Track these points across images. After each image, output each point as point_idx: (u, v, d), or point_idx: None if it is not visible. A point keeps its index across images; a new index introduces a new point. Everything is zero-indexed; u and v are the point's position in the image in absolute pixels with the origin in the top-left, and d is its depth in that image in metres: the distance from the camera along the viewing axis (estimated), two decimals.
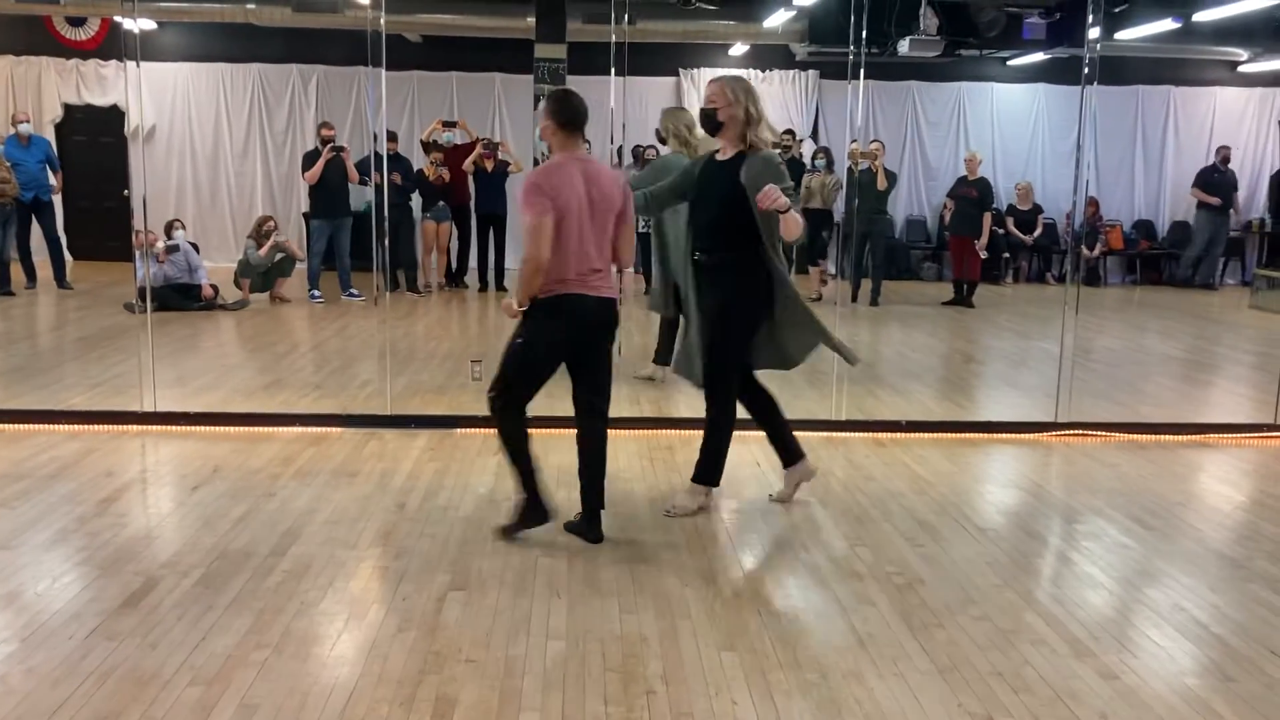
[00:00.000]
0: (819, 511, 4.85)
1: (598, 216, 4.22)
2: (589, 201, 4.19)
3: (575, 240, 4.16)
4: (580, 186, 4.17)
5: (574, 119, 4.25)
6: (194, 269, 10.48)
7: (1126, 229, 14.70)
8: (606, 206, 4.24)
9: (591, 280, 4.23)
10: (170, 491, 5.02)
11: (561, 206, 4.12)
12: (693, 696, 3.14)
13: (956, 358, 9.23)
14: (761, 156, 4.55)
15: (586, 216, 4.18)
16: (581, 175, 4.19)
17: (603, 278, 4.27)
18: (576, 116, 4.26)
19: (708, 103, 4.61)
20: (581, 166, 4.22)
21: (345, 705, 3.04)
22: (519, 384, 4.32)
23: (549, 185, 4.13)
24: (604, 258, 4.28)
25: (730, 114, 4.55)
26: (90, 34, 13.78)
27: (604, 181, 4.25)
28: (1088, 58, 6.46)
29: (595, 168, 4.28)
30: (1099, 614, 3.82)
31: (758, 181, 4.38)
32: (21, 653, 3.31)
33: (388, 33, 6.40)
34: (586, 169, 4.23)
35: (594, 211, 4.21)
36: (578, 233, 4.16)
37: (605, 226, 4.26)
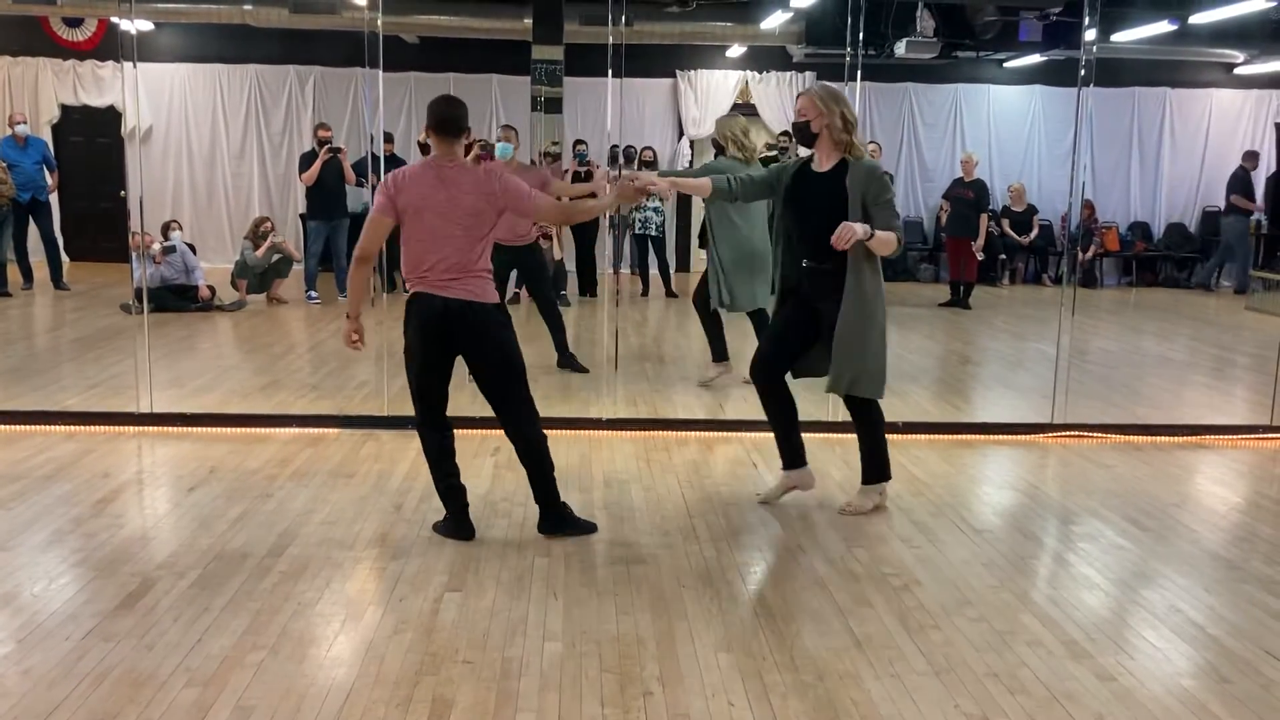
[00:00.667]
0: (816, 513, 4.86)
1: (451, 219, 4.19)
2: (440, 204, 4.18)
3: (423, 241, 4.19)
4: (429, 189, 4.18)
5: (439, 125, 4.23)
6: (191, 270, 10.47)
7: (1122, 231, 14.72)
8: (458, 210, 4.19)
9: (434, 281, 4.20)
10: (167, 493, 5.02)
11: (402, 207, 4.18)
12: (689, 698, 3.14)
13: (953, 359, 9.24)
14: (865, 166, 4.59)
15: (437, 218, 4.18)
16: (437, 178, 4.20)
17: (456, 278, 4.20)
18: (442, 123, 4.23)
19: (799, 116, 4.67)
20: (438, 171, 4.22)
21: (342, 706, 3.04)
22: (412, 391, 4.40)
23: (393, 184, 4.22)
24: (464, 259, 4.21)
25: (825, 124, 4.59)
26: (87, 35, 13.77)
27: (462, 185, 4.21)
28: (1084, 60, 6.47)
29: (455, 172, 4.23)
30: (1095, 615, 3.83)
31: (864, 190, 4.50)
32: (18, 654, 3.31)
33: (385, 34, 6.40)
34: (443, 173, 4.21)
35: (447, 214, 4.18)
36: (427, 233, 4.18)
37: (463, 229, 4.20)
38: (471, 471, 5.33)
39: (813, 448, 5.91)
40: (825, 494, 5.15)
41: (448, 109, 4.26)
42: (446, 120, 4.23)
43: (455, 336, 4.26)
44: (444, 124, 4.23)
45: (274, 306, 10.87)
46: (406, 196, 4.19)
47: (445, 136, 4.25)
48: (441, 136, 4.25)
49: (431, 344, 4.27)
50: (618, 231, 11.75)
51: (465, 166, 4.28)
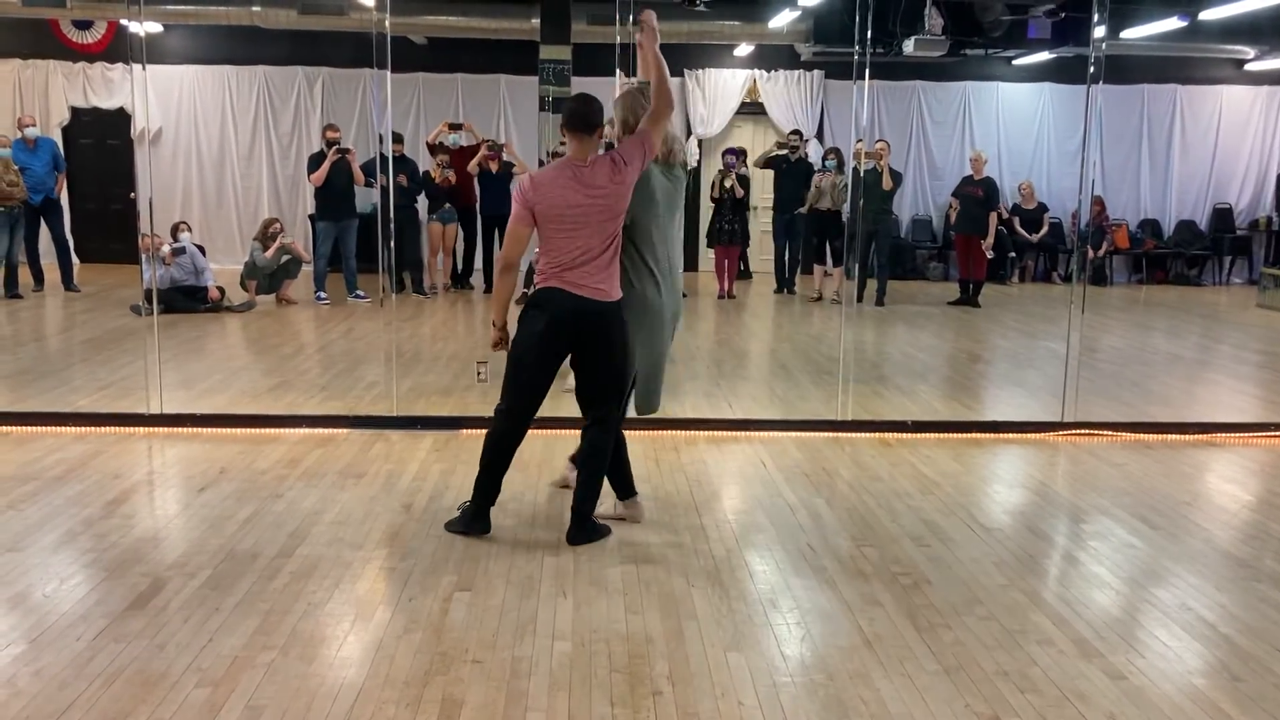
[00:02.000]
0: (825, 512, 4.85)
1: (588, 217, 4.19)
2: (574, 203, 4.17)
3: (562, 240, 4.20)
4: (566, 190, 4.18)
5: (569, 121, 4.26)
6: (200, 271, 10.50)
7: (1133, 228, 14.68)
8: (595, 207, 4.20)
9: (569, 277, 4.21)
10: (177, 493, 5.03)
11: (541, 213, 4.18)
12: (699, 697, 3.14)
13: (962, 357, 9.22)
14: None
15: (571, 217, 4.18)
16: (573, 178, 4.19)
17: (588, 276, 4.21)
18: (571, 118, 4.26)
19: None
20: (574, 171, 4.21)
21: (351, 706, 3.05)
22: (517, 383, 4.35)
23: (531, 190, 4.21)
24: (596, 257, 4.22)
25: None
26: (97, 37, 13.81)
27: (597, 180, 4.21)
28: (1093, 57, 6.45)
29: (589, 171, 4.22)
30: (1106, 614, 3.82)
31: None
32: (29, 654, 3.32)
33: (393, 35, 6.40)
34: (578, 173, 4.21)
35: (582, 212, 4.19)
36: (566, 232, 4.19)
37: (597, 226, 4.21)
38: None
39: (819, 447, 5.92)
40: (835, 493, 5.14)
41: (578, 105, 4.27)
42: (575, 115, 4.24)
43: (583, 335, 4.28)
44: (573, 119, 4.23)
45: (283, 307, 10.89)
46: (545, 201, 4.17)
47: (576, 133, 4.24)
48: (572, 133, 4.24)
49: (559, 341, 4.27)
50: None
51: (599, 161, 4.26)
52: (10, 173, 10.80)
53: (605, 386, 4.38)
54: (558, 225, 4.19)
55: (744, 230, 12.47)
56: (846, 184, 11.66)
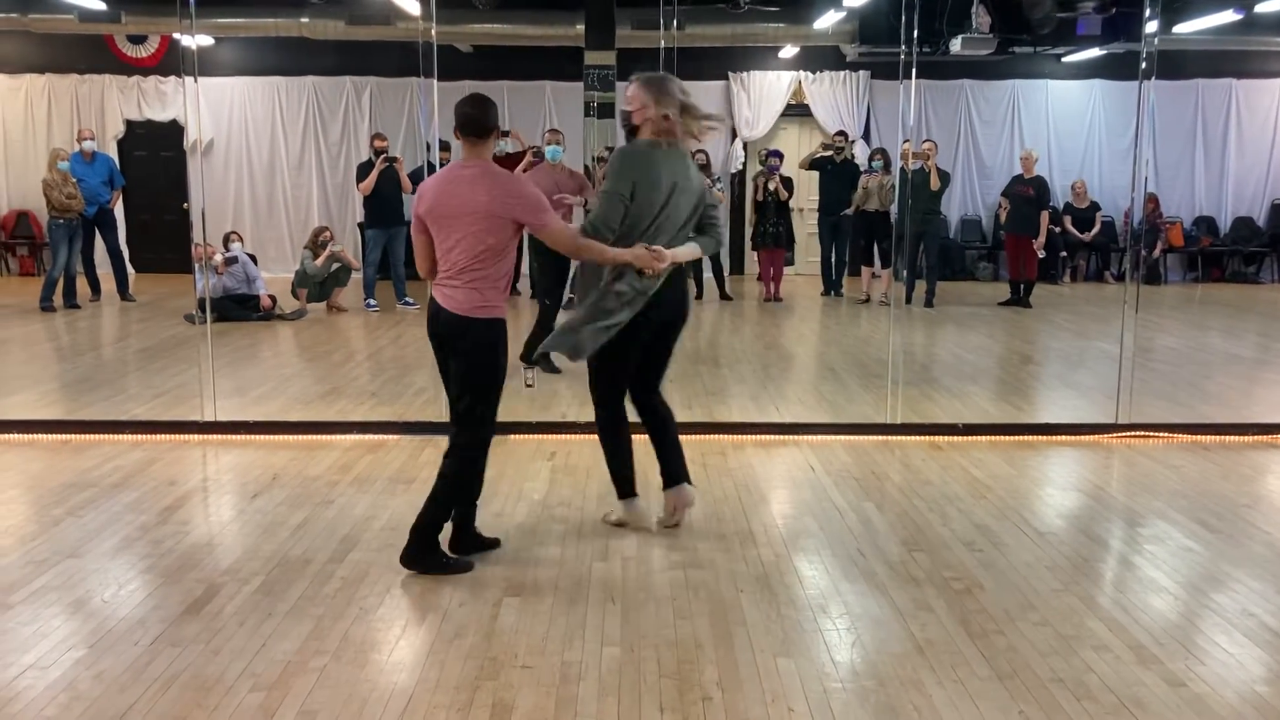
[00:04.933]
0: (875, 516, 4.81)
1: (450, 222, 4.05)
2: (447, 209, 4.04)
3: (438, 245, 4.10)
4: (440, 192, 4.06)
5: (460, 125, 4.08)
6: (252, 280, 10.65)
7: (1187, 226, 14.42)
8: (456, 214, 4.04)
9: (440, 287, 4.10)
10: (231, 500, 5.10)
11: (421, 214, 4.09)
12: (749, 703, 3.13)
13: (1013, 359, 9.11)
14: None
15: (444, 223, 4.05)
16: (450, 181, 4.07)
17: (449, 286, 4.06)
18: (462, 123, 4.07)
19: (625, 104, 4.47)
20: (453, 173, 4.09)
21: (403, 711, 3.07)
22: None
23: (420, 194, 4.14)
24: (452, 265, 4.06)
25: (647, 116, 4.40)
26: (150, 51, 14.06)
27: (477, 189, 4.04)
28: (1145, 52, 6.35)
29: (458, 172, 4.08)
30: (1164, 619, 3.75)
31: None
32: (89, 658, 3.38)
33: (439, 43, 6.46)
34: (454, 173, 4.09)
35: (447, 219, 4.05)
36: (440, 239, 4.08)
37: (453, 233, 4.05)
38: (528, 475, 5.36)
39: (869, 450, 5.87)
40: (885, 497, 5.10)
41: (467, 108, 4.08)
42: (467, 120, 4.07)
43: (440, 343, 4.20)
44: (464, 124, 4.08)
45: (334, 315, 11.01)
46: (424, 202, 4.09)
47: (466, 138, 4.09)
48: (462, 138, 4.10)
49: (435, 349, 4.22)
50: None
51: (488, 169, 4.08)
52: (69, 185, 11.02)
53: (457, 405, 4.19)
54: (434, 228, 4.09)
55: (789, 233, 12.41)
56: (894, 184, 11.58)
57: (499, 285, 4.11)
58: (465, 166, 4.10)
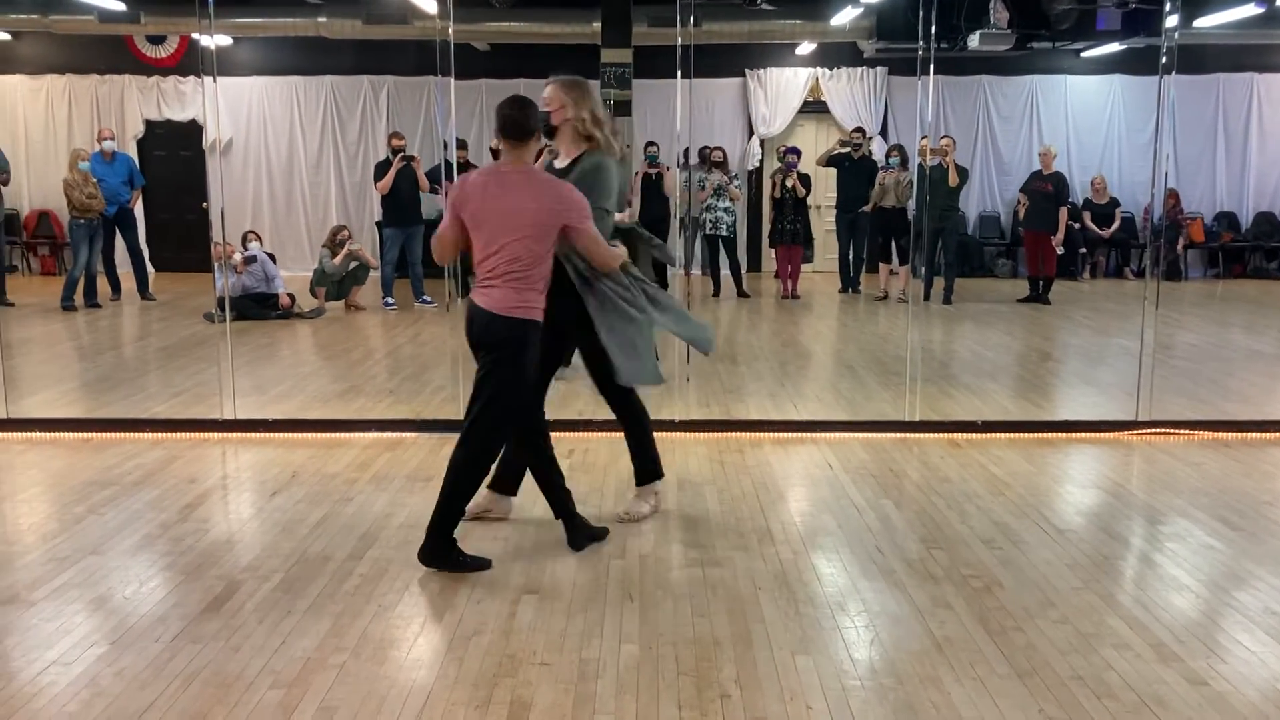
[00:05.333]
0: (894, 514, 4.80)
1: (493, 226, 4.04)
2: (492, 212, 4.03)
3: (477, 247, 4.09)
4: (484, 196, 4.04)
5: (501, 127, 4.07)
6: (271, 279, 10.69)
7: (1208, 221, 14.32)
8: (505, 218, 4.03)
9: (480, 290, 4.10)
10: (250, 497, 5.13)
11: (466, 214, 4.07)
12: (767, 701, 3.12)
13: (1033, 356, 9.07)
14: (589, 160, 4.34)
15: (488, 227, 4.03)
16: (497, 184, 4.04)
17: (487, 287, 4.06)
18: (503, 125, 4.06)
19: (544, 105, 4.37)
20: (499, 177, 4.07)
21: (422, 708, 3.08)
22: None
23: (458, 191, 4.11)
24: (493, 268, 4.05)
25: (566, 117, 4.35)
26: (169, 51, 14.14)
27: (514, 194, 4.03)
28: (1165, 47, 6.31)
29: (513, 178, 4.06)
30: (1185, 617, 3.72)
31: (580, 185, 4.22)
32: (111, 654, 3.41)
33: (456, 42, 6.47)
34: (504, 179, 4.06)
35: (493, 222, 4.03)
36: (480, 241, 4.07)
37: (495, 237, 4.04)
38: None
39: (887, 448, 5.86)
40: (904, 494, 5.08)
41: (509, 109, 4.07)
42: (509, 121, 4.06)
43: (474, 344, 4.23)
44: (506, 126, 4.06)
45: (352, 313, 11.05)
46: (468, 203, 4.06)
47: (508, 140, 4.08)
48: (506, 140, 4.09)
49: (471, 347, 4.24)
50: (688, 233, 11.75)
51: (532, 173, 4.10)
52: (90, 185, 11.09)
53: (477, 406, 4.15)
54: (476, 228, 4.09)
55: (806, 230, 12.39)
56: (912, 181, 11.54)
57: (538, 287, 4.08)
58: (510, 170, 4.08)
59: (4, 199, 12.02)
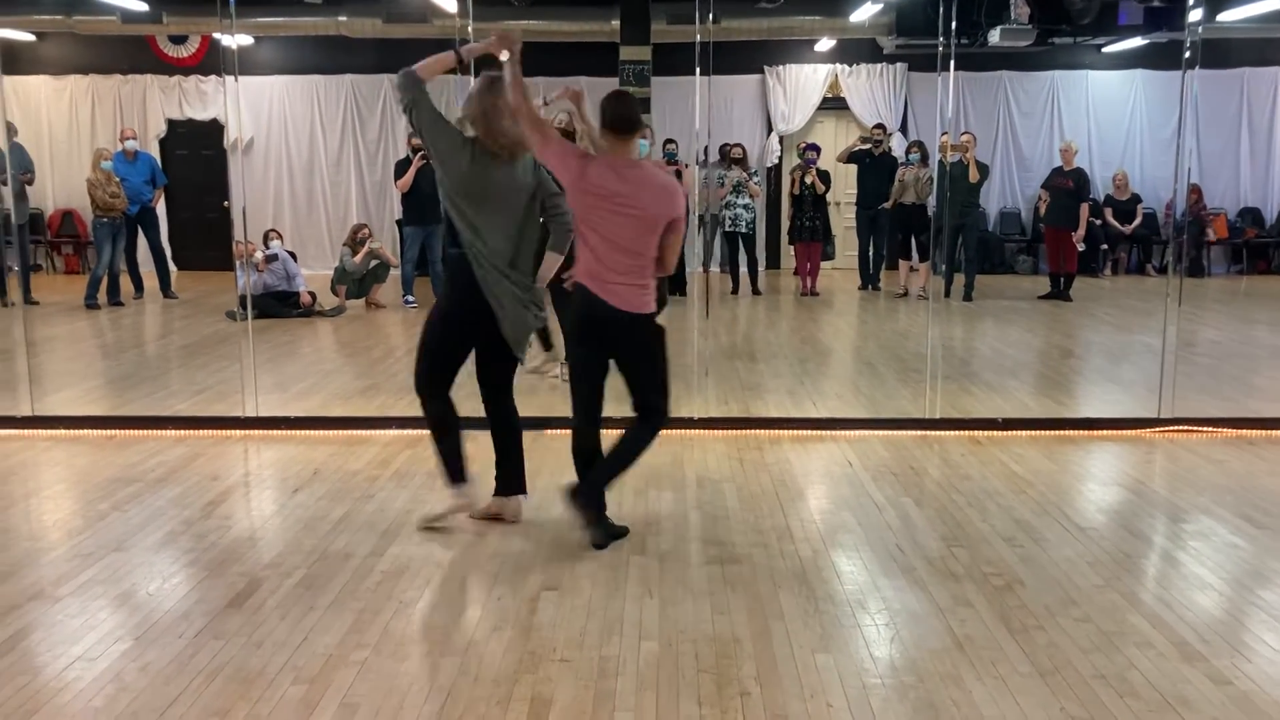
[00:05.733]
0: (914, 511, 4.78)
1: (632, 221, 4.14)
2: (605, 203, 4.13)
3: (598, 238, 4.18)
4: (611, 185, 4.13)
5: (616, 122, 4.21)
6: (292, 277, 10.74)
7: (1232, 217, 14.20)
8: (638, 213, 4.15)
9: (600, 276, 4.20)
10: (272, 494, 5.16)
11: (584, 190, 4.14)
12: (787, 699, 3.12)
13: (1054, 353, 9.02)
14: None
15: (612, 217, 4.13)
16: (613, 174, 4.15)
17: (618, 284, 4.18)
18: (616, 120, 4.20)
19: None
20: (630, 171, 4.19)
21: (443, 704, 3.09)
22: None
23: (586, 166, 4.18)
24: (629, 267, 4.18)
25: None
26: (191, 51, 14.22)
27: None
28: (1189, 41, 6.26)
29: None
30: (1209, 616, 3.70)
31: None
32: (135, 650, 3.44)
33: (475, 40, 6.47)
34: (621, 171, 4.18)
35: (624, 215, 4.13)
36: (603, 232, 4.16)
37: (638, 233, 4.16)
38: (566, 471, 5.36)
39: (908, 445, 5.84)
40: (924, 492, 5.07)
41: (623, 108, 4.25)
42: (626, 119, 4.22)
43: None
44: (623, 122, 4.21)
45: (372, 311, 11.09)
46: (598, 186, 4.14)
47: (624, 135, 4.22)
48: (619, 135, 4.22)
49: (590, 337, 4.33)
50: (707, 230, 11.74)
51: (651, 168, 4.28)
52: (113, 184, 11.17)
53: (648, 384, 4.41)
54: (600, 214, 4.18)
55: (825, 226, 12.36)
56: (932, 177, 11.49)
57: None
58: (636, 164, 4.23)
59: (29, 199, 12.15)
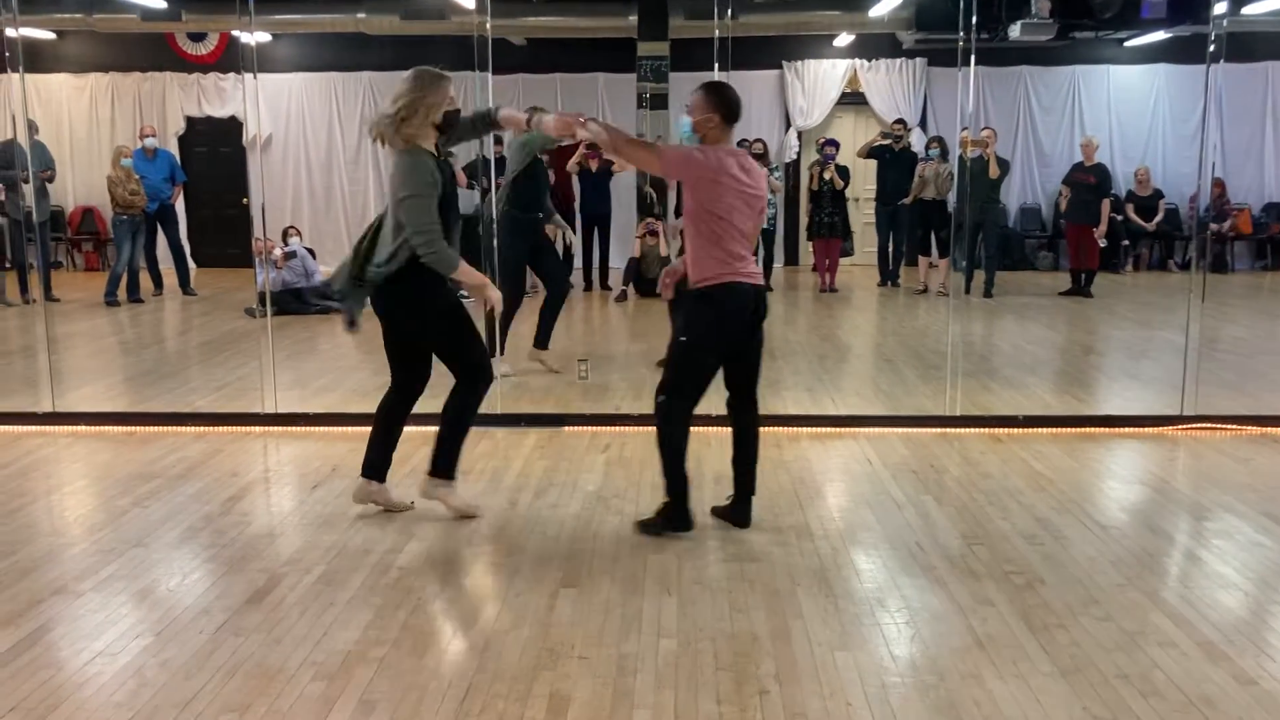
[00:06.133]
0: (934, 509, 4.76)
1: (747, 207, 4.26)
2: (739, 192, 4.23)
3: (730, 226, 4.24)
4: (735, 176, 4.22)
5: (732, 113, 4.29)
6: (310, 274, 10.77)
7: (1256, 212, 14.07)
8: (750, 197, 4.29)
9: (742, 268, 4.28)
10: (292, 490, 5.17)
11: (722, 183, 4.18)
12: (806, 697, 3.11)
13: (1075, 350, 8.96)
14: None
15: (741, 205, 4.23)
16: (739, 165, 4.26)
17: (751, 264, 4.33)
18: (732, 110, 4.29)
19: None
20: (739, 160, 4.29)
21: (462, 701, 3.09)
22: (686, 383, 4.37)
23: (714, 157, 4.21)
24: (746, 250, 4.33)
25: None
26: (210, 48, 14.28)
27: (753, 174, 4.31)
28: (1213, 35, 6.20)
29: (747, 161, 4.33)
30: (1233, 615, 3.66)
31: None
32: (156, 646, 3.45)
33: (493, 37, 6.48)
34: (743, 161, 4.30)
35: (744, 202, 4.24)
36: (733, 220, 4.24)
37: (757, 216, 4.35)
38: (584, 467, 5.37)
39: (927, 443, 5.81)
40: (944, 490, 5.04)
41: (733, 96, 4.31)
42: (736, 106, 4.28)
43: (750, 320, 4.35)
44: (735, 110, 4.28)
45: None
46: (725, 177, 4.20)
47: (730, 124, 4.29)
48: (730, 125, 4.29)
49: (734, 331, 4.32)
50: None
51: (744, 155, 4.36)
52: (132, 182, 11.23)
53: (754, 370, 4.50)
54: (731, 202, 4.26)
55: (844, 222, 12.32)
56: (952, 173, 11.43)
57: None
58: (741, 151, 4.37)
59: (49, 196, 12.23)
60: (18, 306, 10.56)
